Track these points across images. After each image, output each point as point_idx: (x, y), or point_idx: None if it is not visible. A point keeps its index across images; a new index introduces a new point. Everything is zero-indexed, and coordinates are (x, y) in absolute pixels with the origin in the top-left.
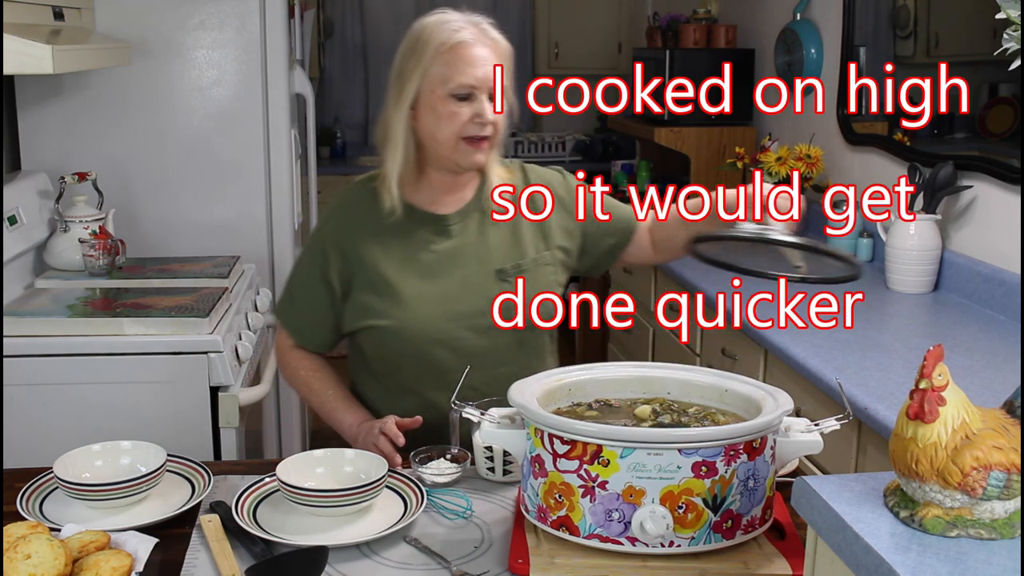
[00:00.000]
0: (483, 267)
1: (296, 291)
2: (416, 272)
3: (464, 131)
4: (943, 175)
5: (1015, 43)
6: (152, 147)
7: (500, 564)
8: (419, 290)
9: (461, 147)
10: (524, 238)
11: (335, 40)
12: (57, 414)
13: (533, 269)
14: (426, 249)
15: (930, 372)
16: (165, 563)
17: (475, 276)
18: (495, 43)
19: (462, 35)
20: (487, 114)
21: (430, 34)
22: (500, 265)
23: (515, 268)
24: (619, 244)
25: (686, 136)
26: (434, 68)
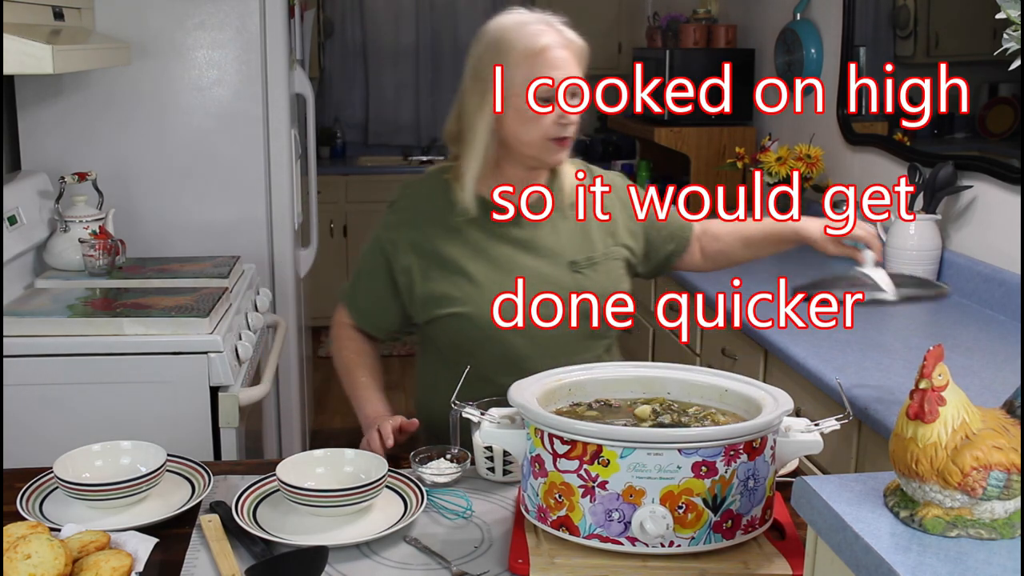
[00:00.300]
0: (556, 258)
1: (361, 276)
2: (491, 262)
3: (549, 132)
4: (943, 175)
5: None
6: (152, 147)
7: (500, 564)
8: (495, 279)
9: (547, 147)
10: (593, 233)
11: (335, 40)
12: (57, 414)
13: (604, 262)
14: (500, 240)
15: (930, 372)
16: (165, 563)
17: (548, 267)
18: (571, 43)
19: (545, 39)
20: (569, 114)
21: (513, 38)
22: (573, 257)
23: (587, 260)
24: (676, 251)
25: (686, 136)
26: (520, 72)
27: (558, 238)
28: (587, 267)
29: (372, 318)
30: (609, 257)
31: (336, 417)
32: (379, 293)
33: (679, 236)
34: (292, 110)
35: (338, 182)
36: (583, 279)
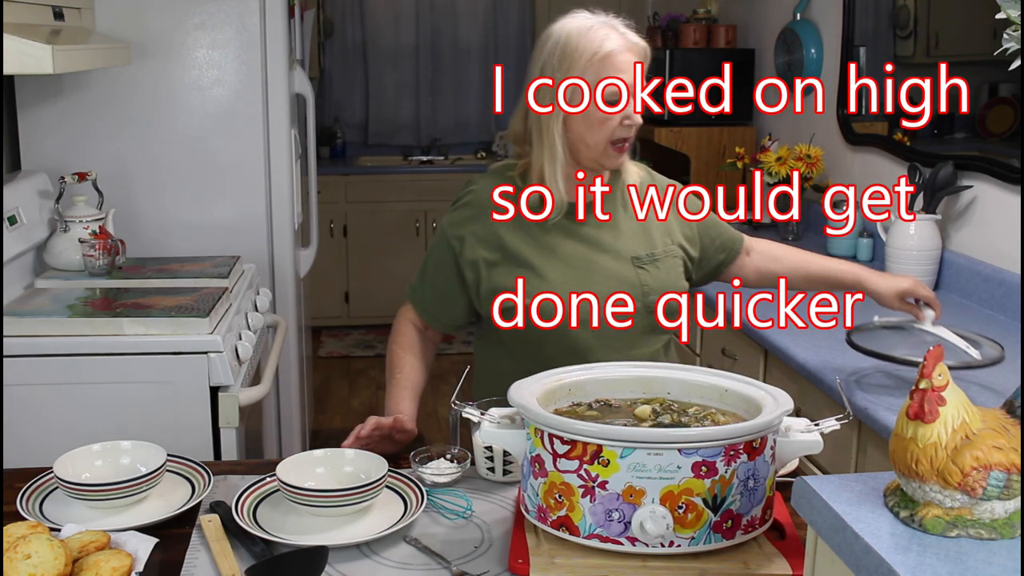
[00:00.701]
0: (619, 254)
1: (427, 272)
2: (558, 257)
3: (613, 135)
4: (943, 175)
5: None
6: (152, 147)
7: (500, 564)
8: (562, 271)
9: (609, 151)
10: (653, 232)
11: (335, 40)
12: (57, 414)
13: (664, 260)
14: (565, 236)
15: (930, 372)
16: (165, 563)
17: (612, 263)
18: (634, 45)
19: (610, 44)
20: (634, 116)
21: (578, 42)
22: (636, 253)
23: (649, 257)
24: (726, 261)
25: (686, 136)
26: (588, 76)
27: (620, 236)
28: (649, 263)
29: (438, 312)
30: (669, 255)
31: (336, 417)
32: (446, 287)
33: (730, 247)
34: (292, 110)
35: (338, 182)
36: (646, 275)
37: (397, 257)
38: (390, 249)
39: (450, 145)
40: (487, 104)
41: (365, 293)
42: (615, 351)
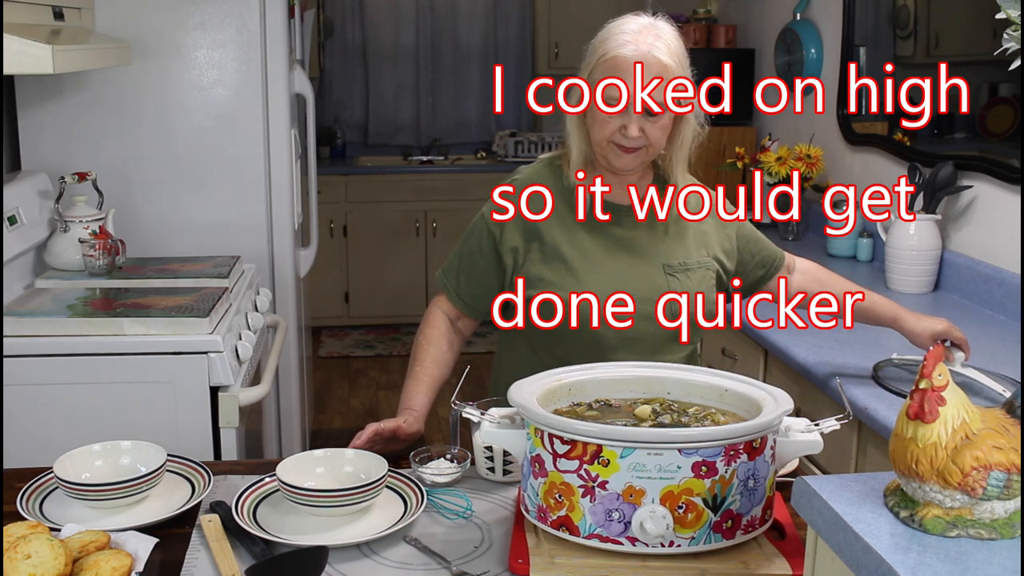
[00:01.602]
0: (651, 260)
1: (463, 258)
2: (590, 252)
3: (613, 138)
4: (943, 175)
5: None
6: (152, 147)
7: (500, 564)
8: (592, 269)
9: (612, 149)
10: (688, 242)
11: (335, 40)
12: (57, 414)
13: (697, 270)
14: (600, 234)
15: (930, 372)
16: (165, 563)
17: (644, 267)
18: (657, 61)
19: (623, 50)
20: (631, 130)
21: (601, 41)
22: (668, 260)
23: (682, 266)
24: (764, 277)
25: None
26: (596, 75)
27: (655, 240)
28: (680, 272)
29: (472, 299)
30: (702, 266)
31: (336, 417)
32: (483, 273)
33: (769, 264)
34: (292, 110)
35: (338, 182)
36: (675, 283)
37: (397, 257)
38: (390, 249)
39: (450, 145)
40: (487, 104)
41: (365, 293)
42: (636, 354)
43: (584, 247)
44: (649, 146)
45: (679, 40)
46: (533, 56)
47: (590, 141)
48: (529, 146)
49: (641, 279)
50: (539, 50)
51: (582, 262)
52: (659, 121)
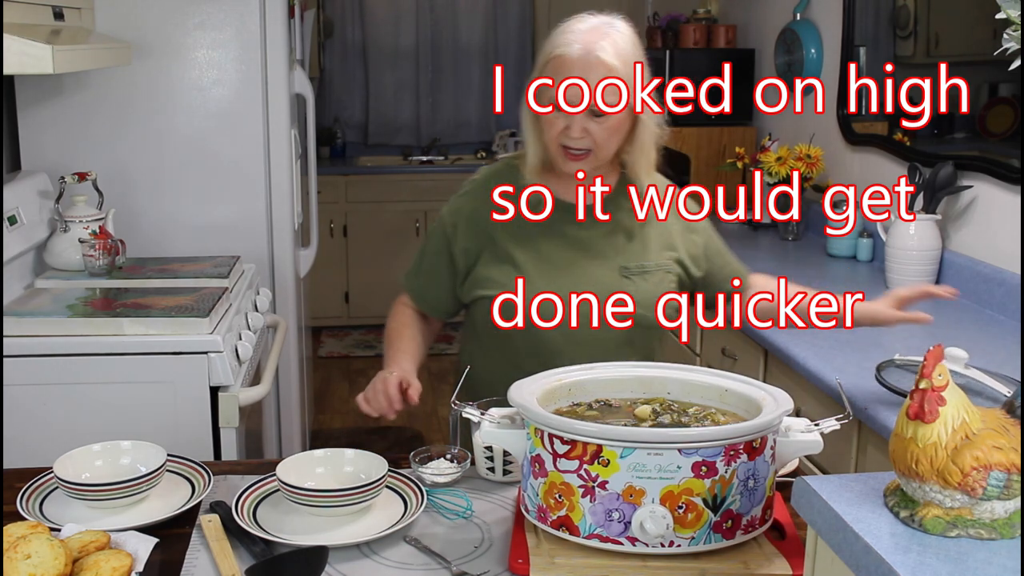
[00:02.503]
0: (609, 262)
1: (424, 259)
2: (542, 254)
3: (559, 140)
4: (943, 175)
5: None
6: (152, 147)
7: (500, 564)
8: (542, 271)
9: (560, 154)
10: (650, 243)
11: (335, 40)
12: (57, 414)
13: (655, 272)
14: (555, 235)
15: (930, 372)
16: (165, 563)
17: (599, 269)
18: (601, 62)
19: (567, 49)
20: (573, 130)
21: (550, 39)
22: (625, 263)
23: (639, 268)
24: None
25: (686, 136)
26: (544, 74)
27: (615, 242)
28: (638, 274)
29: (432, 301)
30: (662, 268)
31: (336, 417)
32: (438, 274)
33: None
34: (292, 110)
35: (338, 182)
36: (631, 285)
37: (397, 257)
38: (390, 249)
39: (450, 145)
40: (487, 104)
41: (365, 293)
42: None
43: (537, 248)
44: (596, 149)
45: (632, 40)
46: (533, 56)
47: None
48: None
49: (594, 281)
50: (539, 50)
51: (534, 264)
52: (606, 122)
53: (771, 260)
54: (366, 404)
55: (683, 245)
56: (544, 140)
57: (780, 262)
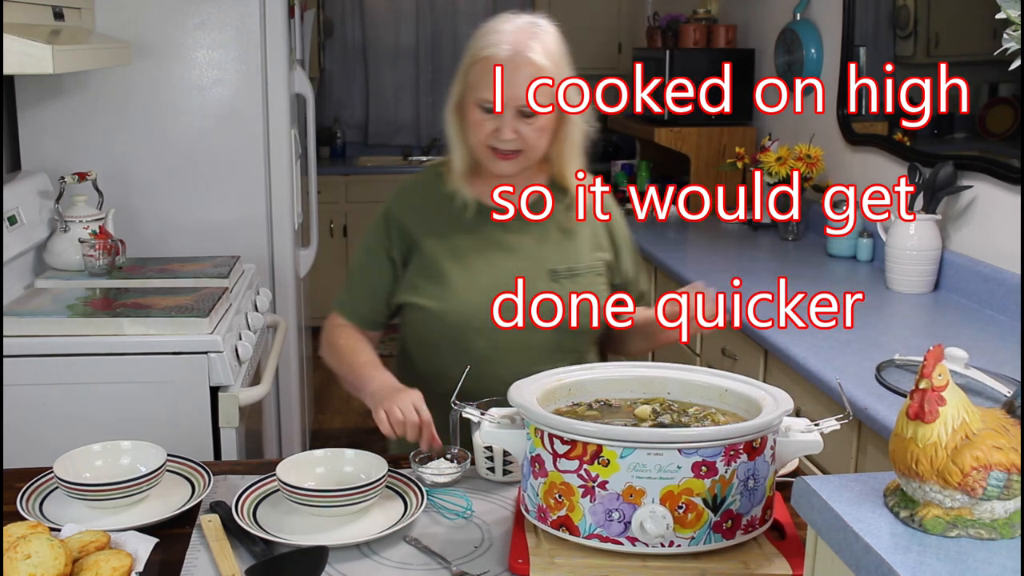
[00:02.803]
0: (536, 265)
1: (355, 273)
2: (468, 260)
3: (488, 142)
4: (943, 175)
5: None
6: (152, 147)
7: (500, 564)
8: (468, 277)
9: (489, 155)
10: (582, 245)
11: (335, 40)
12: (57, 414)
13: (585, 275)
14: (482, 240)
15: (930, 372)
16: (165, 563)
17: (527, 273)
18: (530, 62)
19: (496, 50)
20: (504, 132)
21: (475, 40)
22: (554, 266)
23: (569, 271)
24: None
25: (686, 136)
26: (470, 75)
27: (544, 245)
28: (567, 277)
29: (370, 315)
30: (592, 271)
31: (336, 417)
32: (376, 284)
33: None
34: (292, 110)
35: (338, 182)
36: (559, 289)
37: None
38: None
39: None
40: None
41: None
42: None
43: (461, 254)
44: (526, 149)
45: (559, 39)
46: None
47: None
48: None
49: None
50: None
51: (459, 271)
52: (535, 123)
53: (771, 260)
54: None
55: (610, 249)
56: (471, 143)
57: (780, 262)
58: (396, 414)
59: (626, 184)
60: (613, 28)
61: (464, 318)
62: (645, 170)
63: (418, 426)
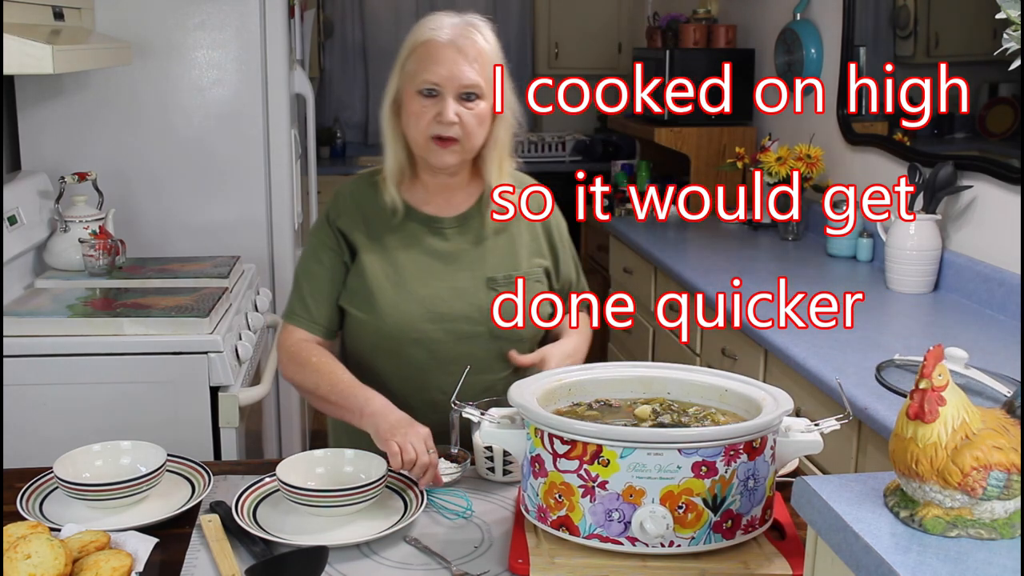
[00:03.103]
0: (474, 273)
1: (303, 284)
2: (403, 269)
3: (430, 130)
4: (943, 175)
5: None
6: (152, 147)
7: (500, 564)
8: (402, 288)
9: (430, 146)
10: (520, 251)
11: (335, 40)
12: (57, 414)
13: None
14: (417, 248)
15: (930, 372)
16: (165, 563)
17: (464, 281)
18: (473, 44)
19: (436, 34)
20: (447, 113)
21: (412, 32)
22: (492, 273)
23: (506, 279)
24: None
25: (686, 136)
26: (408, 65)
27: (482, 253)
28: (505, 285)
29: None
30: (532, 277)
31: None
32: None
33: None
34: (292, 110)
35: (338, 182)
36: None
37: None
38: None
39: None
40: None
41: None
42: (449, 373)
43: (397, 265)
44: (466, 137)
45: (495, 38)
46: (533, 56)
47: (407, 147)
48: (529, 146)
49: (461, 298)
50: (539, 50)
51: (394, 282)
52: (476, 108)
53: (771, 260)
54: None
55: (550, 255)
56: (412, 136)
57: (780, 262)
58: (409, 452)
59: (626, 184)
60: (613, 28)
61: (399, 330)
62: (645, 170)
63: (426, 466)
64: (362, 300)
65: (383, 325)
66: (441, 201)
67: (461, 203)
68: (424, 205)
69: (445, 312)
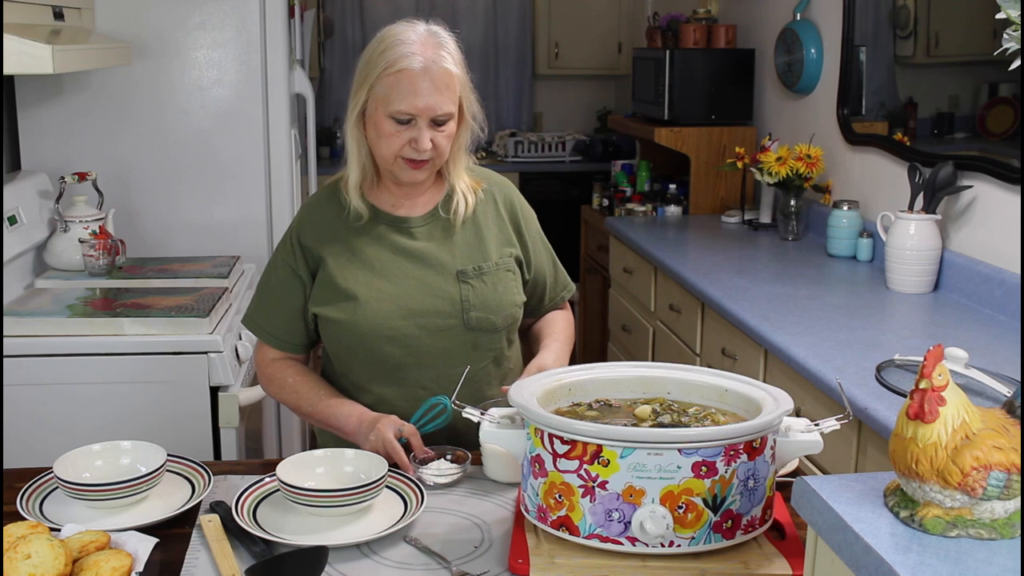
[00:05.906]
0: (444, 268)
1: (267, 295)
2: (373, 270)
3: (403, 152)
4: (943, 175)
5: (1015, 43)
6: (152, 147)
7: (500, 564)
8: (374, 287)
9: (399, 164)
10: (489, 243)
11: (335, 40)
12: (57, 414)
13: (493, 273)
14: (386, 249)
15: (930, 372)
16: (165, 563)
17: (434, 277)
18: (445, 71)
19: (410, 62)
20: (423, 142)
21: (383, 52)
22: (462, 266)
23: (476, 271)
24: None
25: (686, 136)
26: (379, 87)
27: (450, 248)
28: (475, 277)
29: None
30: (501, 268)
31: None
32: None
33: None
34: (292, 110)
35: None
36: (469, 291)
37: None
38: None
39: None
40: (486, 104)
41: None
42: (426, 369)
43: (365, 263)
44: (437, 157)
45: (457, 46)
46: (533, 56)
47: (373, 158)
48: (529, 146)
49: (432, 293)
50: (539, 50)
51: (363, 282)
52: (446, 130)
53: (771, 260)
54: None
55: (519, 246)
56: (382, 153)
57: (780, 262)
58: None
59: (626, 184)
60: (613, 28)
61: (374, 328)
62: (645, 170)
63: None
64: (335, 304)
65: (357, 326)
66: (408, 203)
67: (427, 203)
68: (390, 207)
69: (416, 308)
